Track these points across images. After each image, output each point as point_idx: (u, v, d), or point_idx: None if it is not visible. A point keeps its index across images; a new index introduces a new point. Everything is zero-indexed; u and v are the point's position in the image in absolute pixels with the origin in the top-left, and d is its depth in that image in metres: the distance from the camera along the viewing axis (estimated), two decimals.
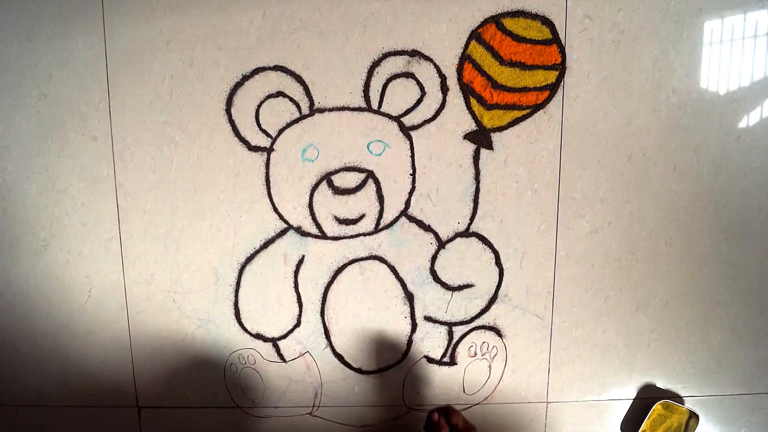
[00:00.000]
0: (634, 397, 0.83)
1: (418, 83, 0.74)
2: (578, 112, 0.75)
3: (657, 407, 0.81)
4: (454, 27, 0.73)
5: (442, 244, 0.78)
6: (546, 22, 0.72)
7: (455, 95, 0.74)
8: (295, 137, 0.75)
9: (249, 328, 0.81)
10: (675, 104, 0.75)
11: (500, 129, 0.75)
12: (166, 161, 0.76)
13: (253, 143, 0.75)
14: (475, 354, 0.82)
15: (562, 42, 0.73)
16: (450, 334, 0.81)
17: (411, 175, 0.76)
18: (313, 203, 0.77)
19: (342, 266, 0.79)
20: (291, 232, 0.78)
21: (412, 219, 0.77)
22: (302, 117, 0.75)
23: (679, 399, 0.83)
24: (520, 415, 0.84)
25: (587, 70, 0.74)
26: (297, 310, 0.80)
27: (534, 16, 0.72)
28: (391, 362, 0.82)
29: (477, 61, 0.73)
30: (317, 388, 0.83)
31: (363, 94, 0.74)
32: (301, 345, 0.81)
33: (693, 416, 0.82)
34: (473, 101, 0.74)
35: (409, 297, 0.80)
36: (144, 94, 0.75)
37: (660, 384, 0.83)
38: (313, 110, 0.75)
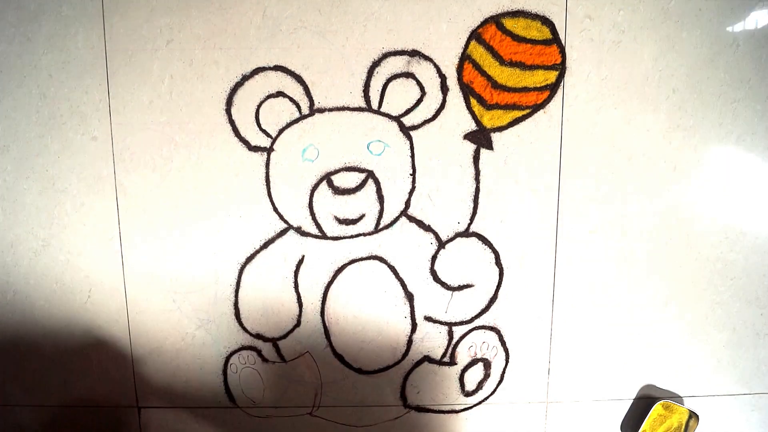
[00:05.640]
0: (634, 397, 0.83)
1: (418, 83, 0.74)
2: (578, 112, 0.75)
3: (657, 407, 0.81)
4: (454, 27, 0.73)
5: (442, 244, 0.78)
6: (546, 22, 0.72)
7: (455, 95, 0.74)
8: (295, 137, 0.75)
9: (249, 328, 0.81)
10: (675, 104, 0.75)
11: (500, 129, 0.75)
12: (166, 161, 0.76)
13: (253, 143, 0.75)
14: (475, 354, 0.82)
15: (562, 42, 0.73)
16: (450, 334, 0.81)
17: (411, 175, 0.76)
18: (313, 203, 0.77)
19: (342, 266, 0.79)
20: (291, 232, 0.78)
21: (412, 219, 0.77)
22: (302, 117, 0.75)
23: (679, 399, 0.83)
24: (520, 415, 0.84)
25: (587, 70, 0.74)
26: (297, 310, 0.80)
27: (534, 16, 0.72)
28: (391, 362, 0.82)
29: (477, 61, 0.73)
30: (317, 388, 0.83)
31: (363, 94, 0.74)
32: (301, 345, 0.81)
33: (693, 416, 0.82)
34: (473, 101, 0.74)
35: (409, 297, 0.80)
36: (144, 94, 0.75)
37: (660, 384, 0.83)
38: (313, 110, 0.75)
